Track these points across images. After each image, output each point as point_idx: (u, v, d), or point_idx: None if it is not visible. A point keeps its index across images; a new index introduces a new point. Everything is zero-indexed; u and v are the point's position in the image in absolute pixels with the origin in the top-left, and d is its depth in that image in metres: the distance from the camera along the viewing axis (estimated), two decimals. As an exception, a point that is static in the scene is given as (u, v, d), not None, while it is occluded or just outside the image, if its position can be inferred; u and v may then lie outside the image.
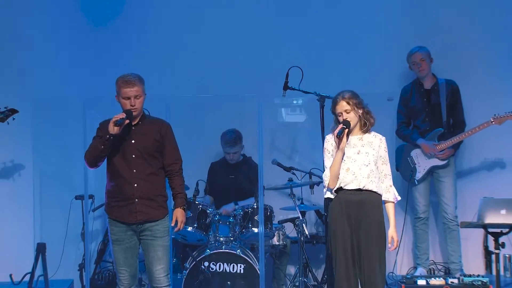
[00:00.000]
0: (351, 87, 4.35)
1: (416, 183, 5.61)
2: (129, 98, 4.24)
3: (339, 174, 4.22)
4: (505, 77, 5.98)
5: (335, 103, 4.29)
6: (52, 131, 5.86)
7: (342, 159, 4.19)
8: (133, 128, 4.30)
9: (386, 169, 4.30)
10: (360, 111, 4.24)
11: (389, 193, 4.29)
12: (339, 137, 4.16)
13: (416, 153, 5.62)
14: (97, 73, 5.98)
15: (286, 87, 5.14)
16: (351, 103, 4.23)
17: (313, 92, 5.03)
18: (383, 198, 4.28)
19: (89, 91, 5.85)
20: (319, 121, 4.96)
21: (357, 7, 6.16)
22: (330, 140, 4.32)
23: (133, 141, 4.28)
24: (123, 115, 4.19)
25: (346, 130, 4.18)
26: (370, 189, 4.19)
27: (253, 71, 6.07)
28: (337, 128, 4.17)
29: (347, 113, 4.22)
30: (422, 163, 5.60)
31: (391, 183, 4.32)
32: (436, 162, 5.58)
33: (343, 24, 6.16)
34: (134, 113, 4.25)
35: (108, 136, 4.17)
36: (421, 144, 5.56)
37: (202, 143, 6.00)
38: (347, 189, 4.21)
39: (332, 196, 4.27)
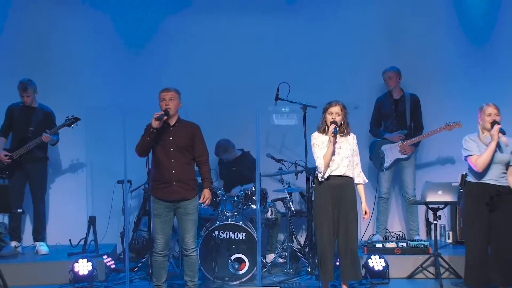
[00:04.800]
0: (327, 98, 4.90)
1: (384, 170, 6.25)
2: (164, 100, 4.81)
3: (330, 161, 4.76)
4: (454, 93, 6.70)
5: (331, 105, 4.76)
6: (100, 132, 6.46)
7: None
8: (171, 128, 4.87)
9: (357, 159, 4.90)
10: (342, 120, 4.80)
11: (360, 177, 4.92)
12: (335, 134, 4.67)
13: (385, 148, 6.25)
14: (133, 86, 6.58)
15: (277, 98, 5.72)
16: (343, 110, 4.79)
17: (298, 102, 5.58)
18: (355, 181, 4.87)
19: (126, 100, 6.38)
20: (302, 124, 5.48)
21: (333, 34, 6.67)
22: (318, 137, 4.82)
23: (171, 138, 4.84)
24: (162, 112, 4.76)
25: (338, 128, 4.70)
26: (348, 175, 4.80)
27: (252, 86, 6.60)
28: (331, 127, 4.65)
29: (337, 115, 4.76)
30: (389, 156, 6.22)
31: (361, 169, 4.94)
32: (401, 155, 6.23)
33: (322, 48, 6.68)
34: (169, 112, 4.76)
35: (152, 129, 4.73)
36: (388, 137, 6.19)
37: (214, 140, 6.27)
38: (332, 175, 4.77)
39: (321, 180, 4.76)
